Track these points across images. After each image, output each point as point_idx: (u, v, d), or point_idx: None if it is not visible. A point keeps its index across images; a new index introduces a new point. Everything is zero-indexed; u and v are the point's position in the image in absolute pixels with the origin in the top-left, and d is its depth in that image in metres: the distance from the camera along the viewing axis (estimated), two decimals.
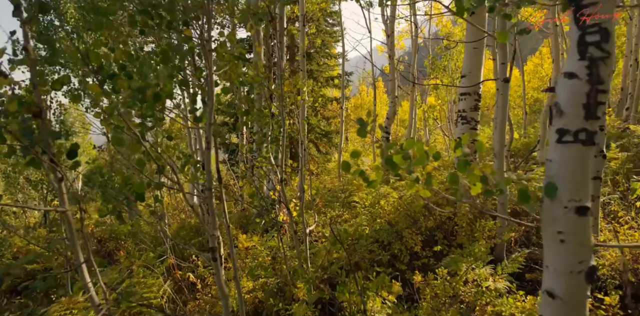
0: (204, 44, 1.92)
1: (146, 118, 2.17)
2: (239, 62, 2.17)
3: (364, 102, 18.76)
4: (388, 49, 8.71)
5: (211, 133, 1.97)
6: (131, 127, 1.76)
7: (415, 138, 14.60)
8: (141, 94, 1.82)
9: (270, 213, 3.56)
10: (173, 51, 1.91)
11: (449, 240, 4.49)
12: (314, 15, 11.97)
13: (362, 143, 17.98)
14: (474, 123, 5.12)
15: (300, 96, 4.01)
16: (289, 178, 9.37)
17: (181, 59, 1.97)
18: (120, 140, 1.81)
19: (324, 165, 15.68)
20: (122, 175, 2.12)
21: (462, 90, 5.13)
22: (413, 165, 1.29)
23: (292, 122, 3.96)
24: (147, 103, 1.91)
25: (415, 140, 1.48)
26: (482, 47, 5.00)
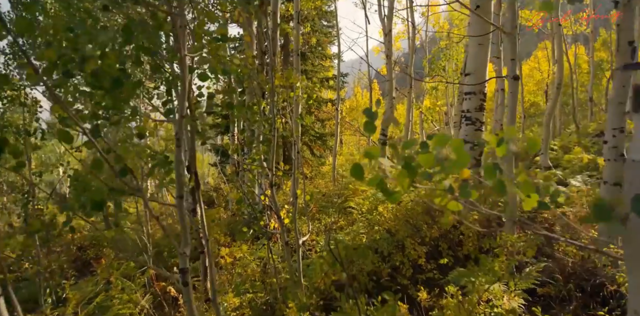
0: (175, 19, 1.56)
1: (106, 110, 1.81)
2: (221, 45, 1.82)
3: (359, 104, 18.45)
4: (385, 48, 8.40)
5: (182, 129, 1.61)
6: (74, 119, 1.39)
7: None
8: (95, 78, 1.46)
9: (259, 221, 3.19)
10: (138, 27, 1.55)
11: (454, 251, 4.14)
12: (309, 14, 11.65)
13: (357, 146, 17.63)
14: (479, 124, 4.80)
15: (294, 92, 3.66)
16: (282, 182, 8.98)
17: (149, 38, 1.62)
18: (66, 135, 1.44)
19: (318, 168, 15.30)
20: (83, 179, 1.75)
21: (467, 89, 4.82)
22: (448, 169, 0.94)
23: (284, 121, 3.62)
24: (105, 90, 1.54)
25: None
26: (488, 44, 4.69)
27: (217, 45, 1.85)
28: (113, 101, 1.75)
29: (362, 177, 0.94)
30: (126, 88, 1.77)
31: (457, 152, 0.92)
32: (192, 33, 1.76)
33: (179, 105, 1.59)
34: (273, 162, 3.04)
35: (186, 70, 1.59)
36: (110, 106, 1.79)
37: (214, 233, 6.50)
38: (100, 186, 1.64)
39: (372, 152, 0.95)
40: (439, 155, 0.93)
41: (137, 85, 1.83)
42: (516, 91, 3.93)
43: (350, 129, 15.91)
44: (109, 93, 1.66)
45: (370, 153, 0.95)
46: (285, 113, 3.19)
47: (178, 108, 1.60)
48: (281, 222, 3.00)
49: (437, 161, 0.94)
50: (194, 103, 2.13)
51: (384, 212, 4.85)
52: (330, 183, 11.39)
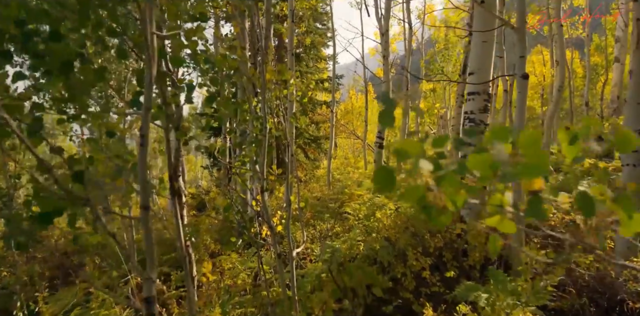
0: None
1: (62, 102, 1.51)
2: (199, 27, 1.53)
3: (354, 107, 18.21)
4: (382, 49, 8.15)
5: (147, 123, 1.31)
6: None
7: None
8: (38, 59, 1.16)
9: (249, 230, 2.88)
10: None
11: (459, 261, 3.86)
12: (304, 14, 11.40)
13: (352, 149, 17.36)
14: (483, 126, 4.54)
15: (287, 90, 3.37)
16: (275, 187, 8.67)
17: (110, 15, 1.33)
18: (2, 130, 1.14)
19: (312, 172, 14.99)
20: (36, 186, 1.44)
21: (470, 89, 4.56)
22: (512, 177, 0.65)
23: (277, 121, 3.32)
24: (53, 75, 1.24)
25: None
26: (493, 41, 4.44)
27: (197, 28, 1.56)
28: (68, 91, 1.45)
29: (391, 187, 0.65)
30: (86, 76, 1.48)
31: (533, 152, 0.63)
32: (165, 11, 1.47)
33: (145, 94, 1.30)
34: (264, 165, 2.74)
35: (154, 51, 1.29)
36: (67, 98, 1.49)
37: (203, 240, 6.17)
38: (48, 194, 1.33)
39: (406, 149, 0.65)
40: (500, 155, 0.64)
41: (100, 73, 1.54)
42: (525, 91, 3.67)
43: (345, 132, 15.65)
44: (58, 78, 1.35)
45: (402, 150, 0.66)
46: (278, 112, 2.89)
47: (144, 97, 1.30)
48: (273, 232, 2.70)
49: (495, 166, 0.65)
50: (172, 95, 1.83)
51: (383, 219, 4.56)
52: (325, 187, 11.09)
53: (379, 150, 8.61)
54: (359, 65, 12.32)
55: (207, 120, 2.46)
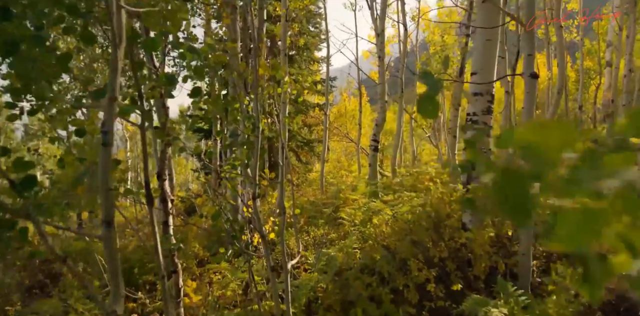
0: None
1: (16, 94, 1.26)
2: (182, 5, 1.29)
3: (348, 110, 18.01)
4: (377, 50, 7.96)
5: (112, 117, 1.06)
6: None
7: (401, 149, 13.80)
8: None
9: (239, 240, 2.62)
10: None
11: (463, 272, 3.63)
12: (297, 15, 11.19)
13: (345, 152, 17.14)
14: (487, 128, 4.33)
15: (281, 88, 3.13)
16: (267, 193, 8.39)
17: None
18: None
19: (305, 175, 14.74)
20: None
21: (473, 89, 4.35)
22: None
23: (270, 121, 3.09)
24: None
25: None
26: (497, 39, 4.25)
27: (179, 7, 1.31)
28: (23, 80, 1.19)
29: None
30: (46, 63, 1.22)
31: None
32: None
33: (109, 82, 1.04)
34: (257, 168, 2.49)
35: (121, 28, 1.04)
36: (21, 89, 1.24)
37: (191, 247, 5.87)
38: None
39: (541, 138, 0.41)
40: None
41: (63, 60, 1.28)
42: (534, 91, 3.47)
43: (338, 135, 15.42)
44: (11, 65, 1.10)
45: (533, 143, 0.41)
46: (271, 111, 2.65)
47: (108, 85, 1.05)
48: (265, 242, 2.44)
49: None
50: (150, 88, 1.57)
51: (382, 226, 4.32)
52: (318, 191, 10.84)
53: (374, 153, 8.39)
54: (352, 67, 12.13)
55: (194, 119, 2.22)
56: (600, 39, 17.96)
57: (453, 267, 3.61)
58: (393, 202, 7.33)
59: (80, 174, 1.30)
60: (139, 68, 1.43)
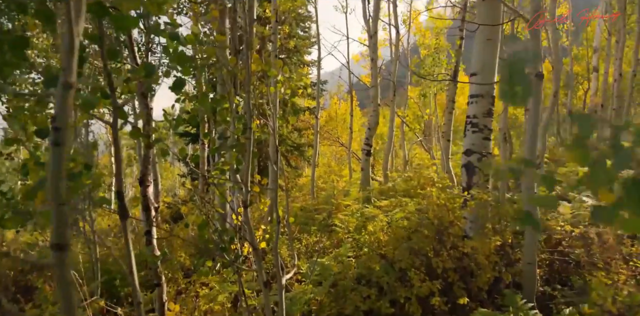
0: None
1: None
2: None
3: (338, 114, 17.82)
4: (370, 52, 7.80)
5: (65, 108, 0.82)
6: None
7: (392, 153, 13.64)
8: None
9: (228, 252, 2.38)
10: None
11: (466, 283, 3.43)
12: (287, 17, 11.00)
13: (335, 156, 16.94)
14: (487, 131, 4.16)
15: (275, 87, 2.91)
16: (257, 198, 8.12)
17: None
18: None
19: (294, 180, 14.49)
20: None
21: (473, 91, 4.19)
22: None
23: (262, 122, 2.87)
24: None
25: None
26: (497, 39, 4.10)
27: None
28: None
29: None
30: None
31: None
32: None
33: (62, 65, 0.81)
34: (248, 174, 2.25)
35: None
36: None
37: (177, 256, 5.58)
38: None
39: None
40: None
41: (17, 45, 1.05)
42: (540, 91, 3.32)
43: (329, 139, 15.22)
44: None
45: None
46: (264, 110, 2.42)
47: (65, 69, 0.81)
48: (258, 256, 2.20)
49: None
50: (125, 80, 1.34)
51: (379, 234, 4.09)
52: (308, 196, 10.60)
53: (366, 157, 8.20)
54: (343, 70, 11.97)
55: (178, 118, 1.98)
56: (585, 44, 18.18)
57: (456, 278, 3.41)
58: (387, 208, 7.14)
59: (36, 183, 1.06)
60: (110, 55, 1.19)
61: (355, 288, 3.65)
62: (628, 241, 4.06)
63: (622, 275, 3.41)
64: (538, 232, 3.53)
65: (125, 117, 1.24)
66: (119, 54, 1.24)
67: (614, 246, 3.76)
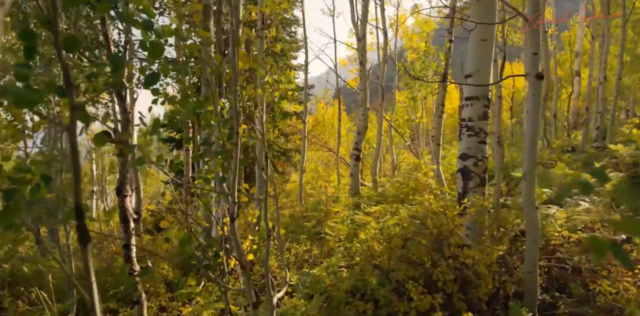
0: None
1: None
2: None
3: (326, 119, 17.66)
4: (359, 55, 7.66)
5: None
6: None
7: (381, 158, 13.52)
8: None
9: (214, 268, 2.16)
10: None
11: (465, 293, 3.25)
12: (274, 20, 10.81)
13: (323, 162, 16.76)
14: (483, 135, 4.03)
15: (262, 89, 2.71)
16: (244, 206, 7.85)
17: None
18: None
19: (281, 186, 14.24)
20: None
21: (468, 93, 4.05)
22: None
23: (250, 127, 2.67)
24: None
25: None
26: (492, 39, 3.98)
27: None
28: None
29: None
30: None
31: None
32: None
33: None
34: (235, 183, 2.04)
35: None
36: None
37: (160, 269, 5.28)
38: None
39: None
40: None
41: None
42: (539, 93, 3.18)
43: (317, 144, 15.04)
44: None
45: None
46: (252, 114, 2.21)
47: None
48: (247, 275, 1.98)
49: None
50: (88, 75, 1.14)
51: (373, 243, 3.90)
52: (296, 202, 10.37)
53: (355, 162, 8.03)
54: (330, 74, 11.84)
55: (156, 121, 1.77)
56: (567, 49, 18.49)
57: (455, 289, 3.23)
58: (378, 214, 6.97)
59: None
60: (68, 44, 0.98)
61: (350, 302, 3.44)
62: (627, 247, 3.96)
63: (626, 283, 3.29)
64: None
65: (87, 120, 1.03)
66: (78, 43, 1.02)
67: None
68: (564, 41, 18.78)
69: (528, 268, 3.37)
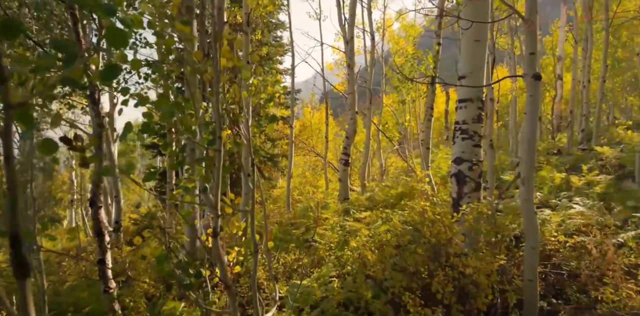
0: None
1: None
2: None
3: (313, 123, 17.48)
4: (347, 58, 7.52)
5: None
6: None
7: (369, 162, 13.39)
8: None
9: (196, 287, 1.94)
10: None
11: (464, 304, 3.09)
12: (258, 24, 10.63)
13: (310, 167, 16.56)
14: (477, 138, 3.90)
15: (248, 91, 2.53)
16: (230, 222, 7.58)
17: None
18: None
19: (268, 192, 13.98)
20: None
21: (462, 96, 3.93)
22: None
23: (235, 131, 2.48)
24: None
25: None
26: (486, 39, 3.87)
27: None
28: None
29: None
30: None
31: None
32: None
33: None
34: (218, 194, 1.84)
35: None
36: None
37: (140, 282, 5.00)
38: None
39: None
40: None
41: None
42: (537, 94, 3.06)
43: (304, 149, 14.84)
44: None
45: None
46: (237, 118, 2.02)
47: None
48: (232, 297, 1.78)
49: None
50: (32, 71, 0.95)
51: (366, 253, 3.71)
52: (283, 209, 10.14)
53: (344, 167, 7.86)
54: (317, 78, 11.70)
55: (127, 125, 1.57)
56: (548, 54, 18.76)
57: (453, 300, 3.07)
58: (368, 220, 6.79)
59: None
60: (5, 30, 0.78)
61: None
62: (624, 252, 3.85)
63: (629, 290, 3.17)
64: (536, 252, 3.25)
65: (29, 123, 0.83)
66: (18, 28, 0.82)
67: (614, 259, 3.53)
68: (546, 46, 19.06)
69: (528, 276, 3.23)
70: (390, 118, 12.02)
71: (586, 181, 7.37)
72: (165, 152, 1.86)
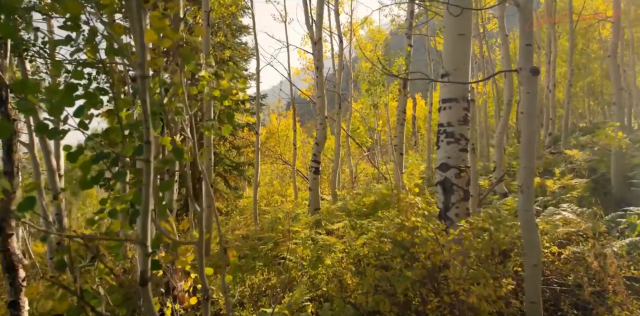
0: None
1: None
2: None
3: (280, 130, 16.90)
4: (315, 59, 7.08)
5: None
6: None
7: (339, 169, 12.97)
8: None
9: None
10: None
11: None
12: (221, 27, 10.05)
13: (278, 175, 15.94)
14: (464, 142, 3.51)
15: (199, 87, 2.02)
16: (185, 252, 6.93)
17: None
18: None
19: (234, 202, 13.26)
20: None
21: (445, 95, 3.54)
22: None
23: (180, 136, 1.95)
24: None
25: None
26: (470, 33, 3.51)
27: None
28: None
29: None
30: None
31: None
32: None
33: None
34: (148, 221, 1.30)
35: None
36: None
37: None
38: None
39: None
40: None
41: None
42: (535, 90, 2.70)
43: (271, 157, 14.23)
44: None
45: None
46: (180, 117, 1.49)
47: None
48: None
49: None
50: None
51: (346, 277, 3.21)
52: (250, 221, 9.51)
53: (315, 176, 7.37)
54: (284, 83, 11.19)
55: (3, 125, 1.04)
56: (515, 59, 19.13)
57: (445, 312, 2.61)
58: (341, 231, 6.32)
59: None
60: None
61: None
62: (625, 262, 3.55)
63: None
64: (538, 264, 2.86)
65: None
66: None
67: (617, 272, 3.20)
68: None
69: (530, 298, 2.84)
70: (360, 124, 11.69)
71: (561, 184, 7.23)
72: (74, 164, 1.30)
